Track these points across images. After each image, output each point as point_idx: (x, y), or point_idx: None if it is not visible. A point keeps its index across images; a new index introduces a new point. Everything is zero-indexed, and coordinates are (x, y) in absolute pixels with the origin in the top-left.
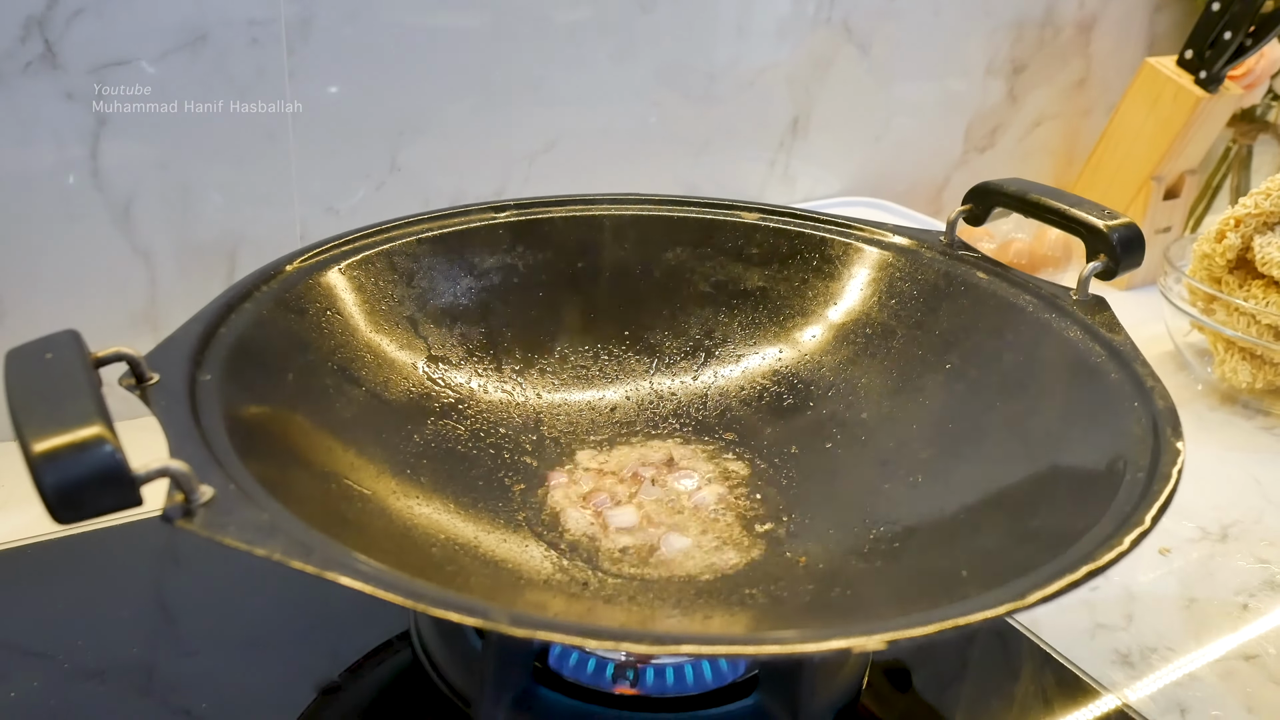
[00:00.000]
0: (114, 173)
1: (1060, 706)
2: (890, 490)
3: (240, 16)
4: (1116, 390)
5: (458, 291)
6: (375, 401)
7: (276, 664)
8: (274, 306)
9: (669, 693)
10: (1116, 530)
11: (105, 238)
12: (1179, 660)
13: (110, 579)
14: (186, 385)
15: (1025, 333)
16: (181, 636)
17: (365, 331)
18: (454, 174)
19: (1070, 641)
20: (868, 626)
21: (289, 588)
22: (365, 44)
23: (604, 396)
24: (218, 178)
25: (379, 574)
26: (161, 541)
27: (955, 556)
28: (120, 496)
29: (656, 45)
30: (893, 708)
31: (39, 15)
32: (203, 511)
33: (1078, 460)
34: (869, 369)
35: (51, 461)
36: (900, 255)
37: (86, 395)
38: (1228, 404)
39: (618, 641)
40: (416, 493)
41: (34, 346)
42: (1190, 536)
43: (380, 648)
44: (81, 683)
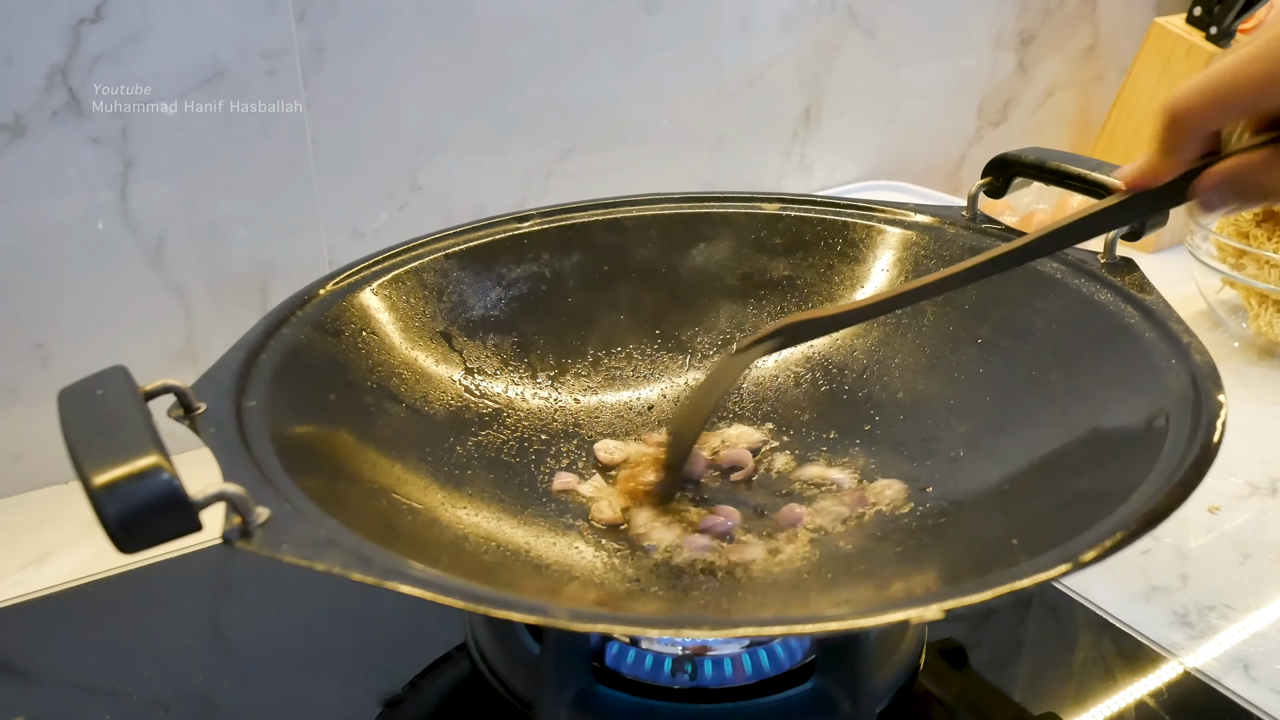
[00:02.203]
0: (144, 214)
1: (1121, 672)
2: (932, 466)
3: (255, 49)
4: (1152, 349)
5: (488, 303)
6: (416, 416)
7: (336, 684)
8: (311, 330)
9: (727, 683)
10: (1165, 484)
11: (140, 277)
12: (1238, 617)
13: (167, 611)
14: (233, 412)
15: (1055, 299)
16: (241, 663)
17: (401, 349)
18: (474, 189)
19: (1126, 605)
20: (924, 597)
21: (343, 608)
22: (377, 67)
23: (640, 396)
24: (244, 211)
25: (438, 580)
26: (214, 571)
27: (1003, 526)
28: (180, 522)
29: (663, 47)
30: (950, 686)
31: (61, 64)
32: (260, 532)
33: (1119, 421)
34: (901, 349)
35: (112, 492)
36: (923, 233)
37: (140, 427)
38: (1266, 358)
39: (677, 629)
40: (464, 503)
41: (85, 385)
42: (1239, 493)
43: (439, 660)
44: (150, 715)
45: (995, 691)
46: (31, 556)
